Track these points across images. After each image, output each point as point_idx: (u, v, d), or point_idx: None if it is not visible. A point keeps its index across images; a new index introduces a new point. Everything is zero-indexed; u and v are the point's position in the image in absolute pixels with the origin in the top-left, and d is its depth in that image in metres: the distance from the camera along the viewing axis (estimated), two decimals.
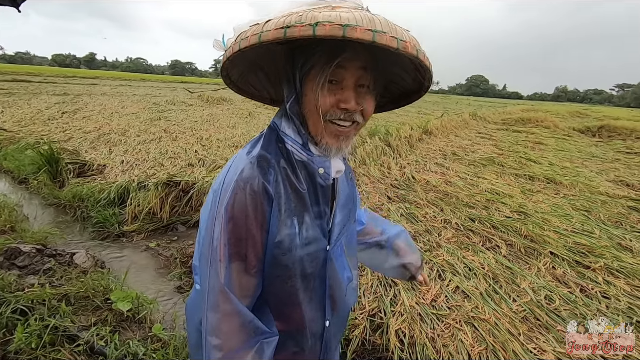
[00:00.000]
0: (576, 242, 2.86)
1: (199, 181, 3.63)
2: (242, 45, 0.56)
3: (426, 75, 0.68)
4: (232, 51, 0.59)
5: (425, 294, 2.15)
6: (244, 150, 0.69)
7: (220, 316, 0.62)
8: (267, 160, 0.65)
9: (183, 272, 2.58)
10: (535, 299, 2.13)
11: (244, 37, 0.57)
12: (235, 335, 0.62)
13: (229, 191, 0.62)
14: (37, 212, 3.52)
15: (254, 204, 0.62)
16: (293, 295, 0.70)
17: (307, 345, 0.75)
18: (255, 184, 0.62)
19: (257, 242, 0.64)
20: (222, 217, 0.61)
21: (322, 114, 0.64)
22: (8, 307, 1.76)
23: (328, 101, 0.64)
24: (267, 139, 0.70)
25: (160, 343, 1.81)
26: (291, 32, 0.51)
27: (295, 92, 0.67)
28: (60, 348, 1.64)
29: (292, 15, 0.54)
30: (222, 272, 0.62)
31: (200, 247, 0.70)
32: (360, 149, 5.44)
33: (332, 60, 0.61)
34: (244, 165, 0.64)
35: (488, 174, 5.01)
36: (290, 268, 0.67)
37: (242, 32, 0.59)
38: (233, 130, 7.45)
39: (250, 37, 0.55)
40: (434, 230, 3.04)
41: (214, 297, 0.62)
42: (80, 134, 6.27)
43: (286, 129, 0.70)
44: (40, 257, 2.41)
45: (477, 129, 10.28)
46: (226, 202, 0.62)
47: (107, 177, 4.16)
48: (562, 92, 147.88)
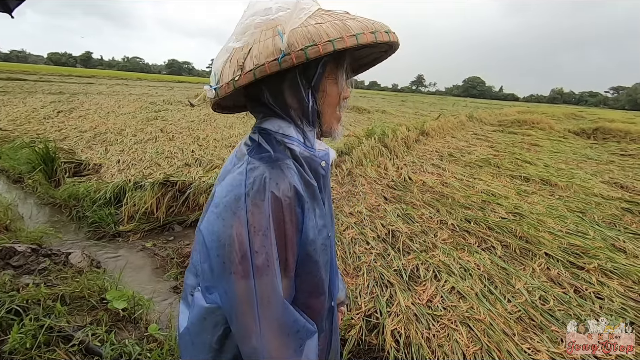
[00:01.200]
0: (571, 243, 2.88)
1: (195, 181, 3.63)
2: (336, 45, 0.58)
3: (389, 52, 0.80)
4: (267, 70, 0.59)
5: (421, 294, 2.16)
6: (251, 157, 0.66)
7: (278, 328, 0.62)
8: (285, 162, 0.66)
9: (179, 272, 2.57)
10: (530, 300, 2.15)
11: (278, 59, 0.58)
12: (291, 343, 0.64)
13: (261, 201, 0.60)
14: (32, 211, 3.50)
15: (289, 209, 0.63)
16: (320, 285, 0.73)
17: (324, 329, 0.79)
18: (288, 188, 0.63)
19: (294, 245, 0.65)
20: (262, 230, 0.60)
21: (339, 106, 0.74)
22: (3, 307, 1.75)
23: (343, 93, 0.74)
24: (269, 142, 0.69)
25: (156, 343, 1.81)
26: (380, 37, 0.62)
27: (311, 89, 0.69)
28: (56, 348, 1.63)
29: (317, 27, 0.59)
30: (277, 285, 0.62)
31: (215, 266, 0.64)
32: (357, 149, 5.45)
33: (344, 60, 0.71)
34: (268, 171, 0.63)
35: (484, 175, 5.03)
36: (317, 260, 0.70)
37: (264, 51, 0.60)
38: (230, 131, 7.44)
39: (347, 38, 0.59)
40: (430, 231, 3.05)
41: (270, 311, 0.62)
42: (76, 133, 6.24)
43: (285, 129, 0.70)
44: (36, 256, 2.40)
45: (473, 131, 10.33)
46: (264, 213, 0.60)
47: (103, 177, 4.14)
48: (558, 94, 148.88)
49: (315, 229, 0.69)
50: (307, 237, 0.67)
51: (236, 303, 0.61)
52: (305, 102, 0.69)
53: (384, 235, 2.94)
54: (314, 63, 0.67)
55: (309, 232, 0.67)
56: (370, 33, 0.59)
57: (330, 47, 0.56)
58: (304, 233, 0.66)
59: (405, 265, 2.47)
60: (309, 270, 0.70)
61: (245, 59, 0.61)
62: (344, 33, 0.58)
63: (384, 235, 2.94)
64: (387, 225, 3.10)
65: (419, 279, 2.34)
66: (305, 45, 0.57)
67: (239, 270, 0.60)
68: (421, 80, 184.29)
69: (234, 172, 0.66)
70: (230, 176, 0.66)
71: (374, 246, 2.74)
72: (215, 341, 0.67)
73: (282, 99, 0.69)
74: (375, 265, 2.45)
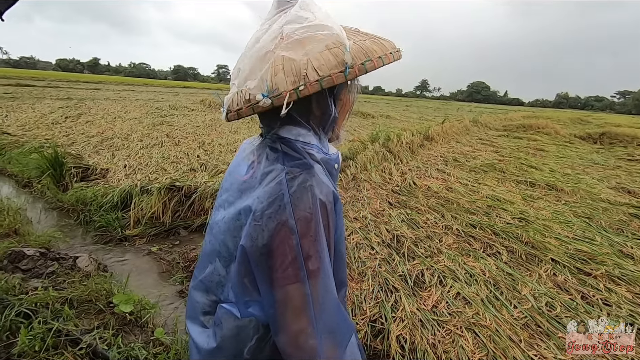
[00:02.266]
0: (577, 249, 2.86)
1: (201, 186, 3.65)
2: (385, 61, 0.67)
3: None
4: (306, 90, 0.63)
5: (426, 300, 2.16)
6: (285, 166, 0.67)
7: (336, 327, 0.66)
8: (319, 168, 0.70)
9: (185, 276, 2.59)
10: (537, 306, 2.13)
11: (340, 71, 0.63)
12: (344, 340, 0.68)
13: (309, 209, 0.63)
14: (41, 215, 3.55)
15: (331, 213, 0.67)
16: (344, 279, 0.78)
17: None
18: (329, 193, 0.67)
19: (332, 246, 0.69)
20: (312, 235, 0.62)
21: (350, 111, 0.81)
22: (12, 310, 1.77)
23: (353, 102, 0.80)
24: (295, 150, 0.70)
25: (162, 347, 1.82)
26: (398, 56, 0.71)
27: (333, 99, 0.74)
28: (64, 351, 1.65)
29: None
30: (331, 285, 0.65)
31: (263, 277, 0.65)
32: (361, 154, 5.46)
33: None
34: (310, 178, 0.65)
35: (489, 180, 5.02)
36: (344, 254, 0.76)
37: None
38: (235, 136, 7.49)
39: (389, 54, 0.69)
40: (435, 236, 3.05)
41: (328, 312, 0.65)
42: (84, 138, 6.32)
43: (305, 136, 0.73)
44: (44, 260, 2.43)
45: (478, 135, 10.31)
46: (313, 219, 0.63)
47: (110, 181, 4.19)
48: (564, 98, 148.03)
49: (342, 228, 0.75)
50: (341, 235, 0.73)
51: (289, 308, 0.62)
52: (329, 110, 0.72)
53: (389, 241, 2.93)
54: None
55: (340, 230, 0.72)
56: (397, 52, 0.69)
57: (381, 62, 0.65)
58: (337, 232, 0.71)
59: (410, 271, 2.46)
60: (339, 267, 0.74)
61: (307, 70, 0.62)
62: (386, 51, 0.67)
63: (389, 241, 2.93)
64: (392, 231, 3.10)
65: (424, 285, 2.33)
66: (363, 60, 0.64)
67: (291, 275, 0.62)
68: (425, 85, 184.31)
69: (270, 184, 0.66)
70: (266, 188, 0.66)
71: (378, 251, 2.74)
72: (247, 352, 0.68)
73: (308, 108, 0.71)
74: (380, 271, 2.44)
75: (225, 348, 0.70)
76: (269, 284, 0.63)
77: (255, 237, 0.63)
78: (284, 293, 0.62)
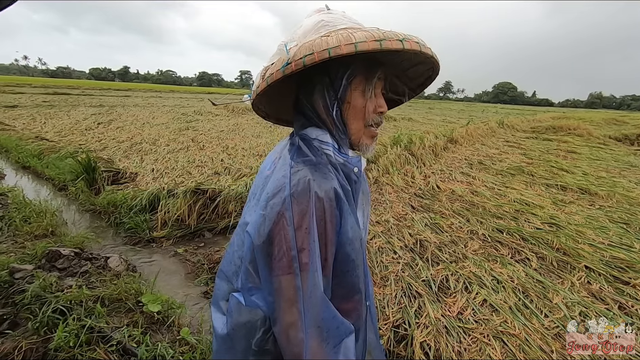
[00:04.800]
0: (614, 256, 2.71)
1: (225, 189, 3.73)
2: (332, 52, 0.63)
3: (435, 67, 0.82)
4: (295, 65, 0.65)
5: (451, 306, 2.10)
6: (293, 160, 0.71)
7: (320, 323, 0.66)
8: (325, 166, 0.72)
9: (209, 277, 2.64)
10: (569, 315, 2.03)
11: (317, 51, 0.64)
12: (332, 339, 0.67)
13: (306, 202, 0.65)
14: (75, 217, 3.73)
15: (330, 210, 0.68)
16: (356, 284, 0.76)
17: (360, 328, 0.81)
18: (329, 189, 0.68)
19: (333, 244, 0.69)
20: (305, 228, 0.64)
21: (367, 118, 0.77)
22: (49, 307, 1.87)
23: (372, 107, 0.77)
24: (309, 148, 0.75)
25: (188, 347, 1.86)
26: (386, 45, 0.64)
27: (337, 100, 0.75)
28: (96, 347, 1.72)
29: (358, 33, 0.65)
30: (319, 281, 0.66)
31: (262, 265, 0.68)
32: (383, 157, 5.42)
33: (374, 73, 0.75)
34: (311, 173, 0.68)
35: (517, 183, 4.85)
36: (354, 260, 0.74)
37: (302, 47, 0.66)
38: (257, 140, 7.60)
39: (344, 46, 0.63)
40: (460, 241, 2.97)
41: (313, 306, 0.65)
42: (115, 144, 6.60)
43: (321, 136, 0.76)
44: (78, 260, 2.55)
45: (504, 138, 9.99)
46: (308, 212, 0.65)
47: (139, 185, 4.34)
48: (597, 98, 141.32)
49: (352, 231, 0.73)
50: (347, 236, 0.71)
51: (282, 299, 0.65)
52: (330, 111, 0.75)
53: (412, 245, 2.89)
54: (339, 75, 0.74)
55: (348, 232, 0.71)
56: (373, 41, 0.63)
57: (326, 54, 0.63)
58: (343, 233, 0.70)
59: (434, 276, 2.41)
60: (347, 269, 0.73)
61: (271, 67, 0.71)
62: (343, 42, 0.63)
63: (412, 245, 2.89)
64: (415, 235, 3.05)
65: (449, 291, 2.28)
66: (304, 54, 0.64)
67: (285, 266, 0.64)
68: (449, 87, 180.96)
69: (277, 175, 0.70)
70: (273, 179, 0.70)
71: (401, 256, 2.70)
72: (255, 343, 0.70)
73: (316, 109, 0.77)
74: (403, 275, 2.41)
75: (236, 338, 0.73)
76: (269, 272, 0.66)
77: (259, 225, 0.67)
78: (278, 283, 0.65)
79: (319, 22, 0.72)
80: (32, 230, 3.02)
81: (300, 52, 0.65)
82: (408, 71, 0.88)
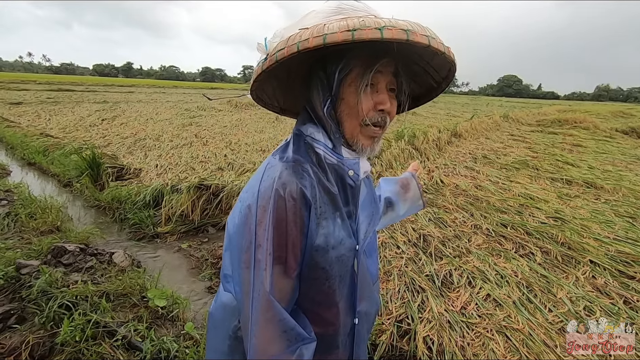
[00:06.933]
0: (619, 251, 2.69)
1: (228, 185, 3.74)
2: (300, 46, 0.59)
3: (451, 69, 0.75)
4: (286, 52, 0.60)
5: (454, 301, 2.10)
6: (274, 156, 0.71)
7: (264, 323, 0.63)
8: (301, 165, 0.68)
9: (213, 272, 2.66)
10: (574, 310, 2.03)
11: (303, 39, 0.59)
12: (277, 341, 0.64)
13: (268, 198, 0.63)
14: (80, 213, 3.76)
15: (293, 210, 0.64)
16: (330, 295, 0.72)
17: (341, 345, 0.76)
18: (294, 189, 0.64)
19: (297, 246, 0.66)
20: (264, 224, 0.63)
21: (361, 116, 0.69)
22: (55, 302, 1.89)
23: (368, 104, 0.68)
24: (296, 145, 0.72)
25: (192, 341, 1.88)
26: (360, 35, 0.56)
27: (331, 96, 0.70)
28: (102, 342, 1.74)
29: (348, 20, 0.60)
30: (266, 280, 0.63)
31: (233, 255, 0.70)
32: (386, 152, 5.39)
33: (372, 66, 0.66)
34: (280, 171, 0.66)
35: (521, 177, 4.81)
36: (327, 269, 0.69)
37: (291, 37, 0.61)
38: (261, 135, 7.60)
39: (313, 39, 0.57)
40: (464, 236, 2.96)
41: (258, 304, 0.63)
42: (119, 140, 6.63)
43: (314, 134, 0.72)
44: (83, 255, 2.57)
45: (509, 131, 9.91)
46: (267, 209, 0.63)
47: (142, 181, 4.37)
48: (604, 91, 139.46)
49: (330, 238, 0.68)
50: (312, 242, 0.66)
51: (242, 291, 0.66)
52: (321, 107, 0.71)
53: (415, 240, 2.88)
54: (333, 69, 0.69)
55: (314, 238, 0.66)
56: (345, 31, 0.56)
57: (295, 48, 0.59)
58: (309, 238, 0.66)
59: (437, 271, 2.41)
60: (315, 276, 0.69)
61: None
62: (312, 35, 0.58)
63: (415, 240, 2.88)
64: (418, 230, 3.04)
65: (452, 285, 2.27)
66: (277, 49, 0.62)
67: (245, 260, 0.65)
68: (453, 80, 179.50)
69: (259, 169, 0.71)
70: (256, 172, 0.71)
71: (404, 250, 2.70)
72: (232, 329, 0.72)
73: (313, 105, 0.73)
74: (406, 270, 2.41)
75: (217, 318, 0.76)
76: (237, 263, 0.68)
77: (235, 217, 0.69)
78: (239, 275, 0.67)
79: (330, 9, 0.67)
80: (37, 226, 3.05)
81: (273, 47, 0.63)
82: (432, 62, 0.77)
